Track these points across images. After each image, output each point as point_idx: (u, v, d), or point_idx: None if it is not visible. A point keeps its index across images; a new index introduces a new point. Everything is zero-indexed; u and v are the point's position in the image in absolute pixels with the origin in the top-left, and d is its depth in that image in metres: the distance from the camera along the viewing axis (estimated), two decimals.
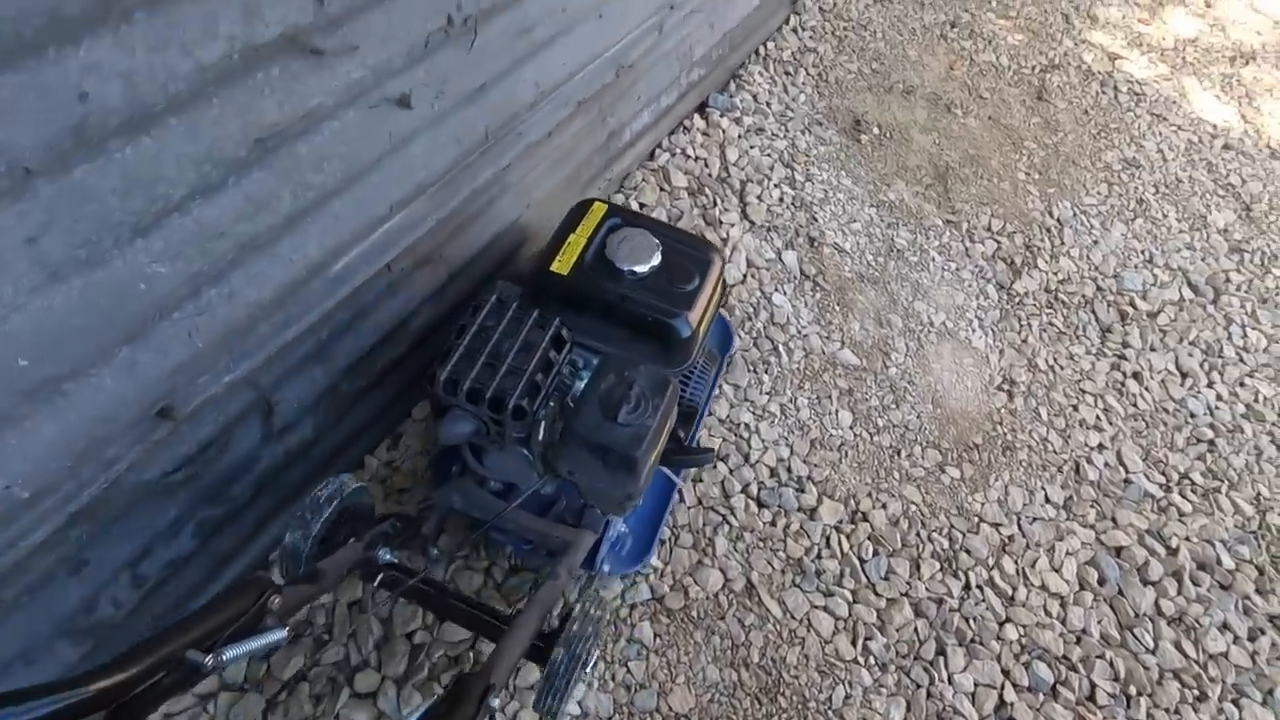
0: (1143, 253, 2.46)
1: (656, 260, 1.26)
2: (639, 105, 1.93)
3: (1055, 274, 2.32)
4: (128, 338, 0.91)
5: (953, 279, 2.22)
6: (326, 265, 1.14)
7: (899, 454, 1.82)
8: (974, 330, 2.11)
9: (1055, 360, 2.11)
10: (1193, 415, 2.08)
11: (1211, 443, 2.03)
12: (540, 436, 1.13)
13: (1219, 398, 2.13)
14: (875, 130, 2.59)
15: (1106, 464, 1.92)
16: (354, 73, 1.01)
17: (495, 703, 0.90)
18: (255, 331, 1.07)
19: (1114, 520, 1.81)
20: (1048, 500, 1.81)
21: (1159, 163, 2.79)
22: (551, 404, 1.15)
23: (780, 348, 1.92)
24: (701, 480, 1.66)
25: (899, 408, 1.90)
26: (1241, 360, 2.24)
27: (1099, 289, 2.32)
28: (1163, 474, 1.94)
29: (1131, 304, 2.29)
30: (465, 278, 1.52)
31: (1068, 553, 1.73)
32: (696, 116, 2.41)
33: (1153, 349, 2.21)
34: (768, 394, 1.84)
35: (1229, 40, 3.48)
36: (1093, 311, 2.25)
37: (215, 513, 1.18)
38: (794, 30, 2.84)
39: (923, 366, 2.00)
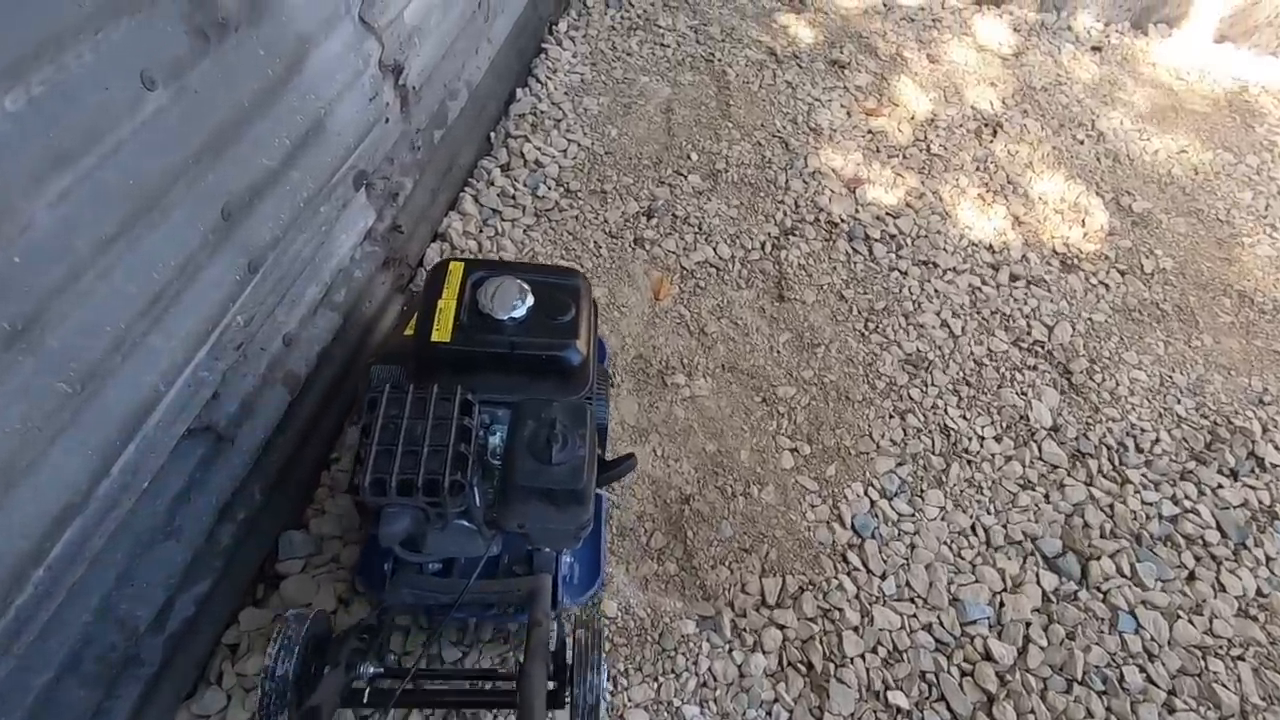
0: (973, 531, 1.74)
1: (530, 300, 1.25)
2: None
3: (873, 649, 1.53)
4: None
5: None
6: None
7: None
8: None
9: None
10: None
11: None
12: (478, 503, 1.10)
13: None
14: None
15: None
16: None
17: None
18: None
19: None
20: None
21: (947, 344, 2.11)
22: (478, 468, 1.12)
23: None
24: None
25: None
26: (1151, 682, 1.55)
27: (940, 645, 1.55)
28: None
29: (987, 654, 1.55)
30: None
31: None
32: None
33: None
34: None
35: (967, 107, 2.95)
36: (949, 709, 1.48)
37: None
38: None
39: None
